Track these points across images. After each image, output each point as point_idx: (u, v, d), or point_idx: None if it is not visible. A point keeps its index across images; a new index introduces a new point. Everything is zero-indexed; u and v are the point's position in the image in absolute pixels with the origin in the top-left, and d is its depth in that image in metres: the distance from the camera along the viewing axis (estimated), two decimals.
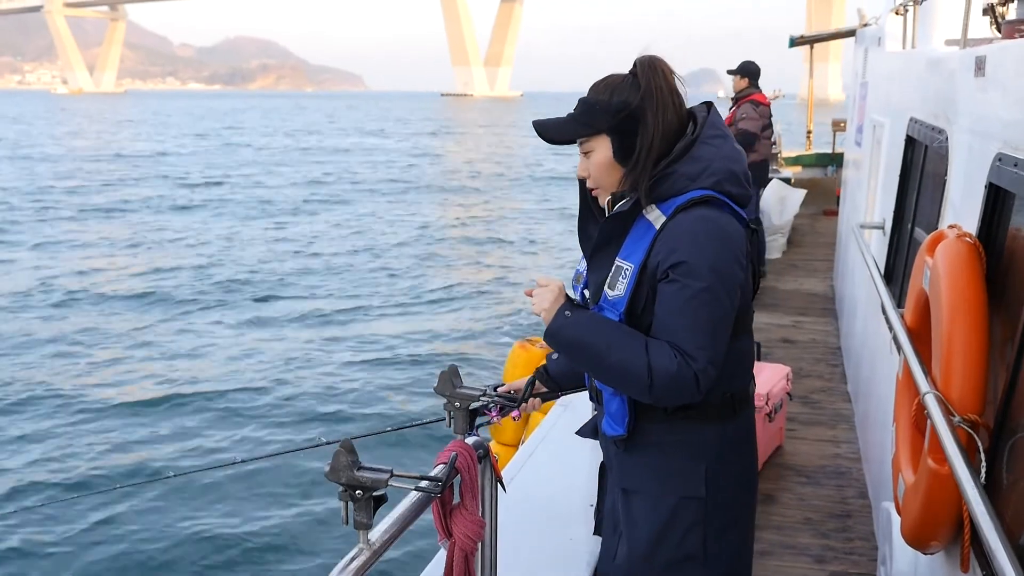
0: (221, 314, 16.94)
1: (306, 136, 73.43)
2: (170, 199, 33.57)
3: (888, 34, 6.66)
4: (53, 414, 11.48)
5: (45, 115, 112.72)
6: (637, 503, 2.35)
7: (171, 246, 24.22)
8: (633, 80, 2.24)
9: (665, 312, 2.15)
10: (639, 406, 2.28)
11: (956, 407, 2.00)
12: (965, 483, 1.73)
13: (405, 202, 33.82)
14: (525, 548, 3.41)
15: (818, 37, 16.33)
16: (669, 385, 2.10)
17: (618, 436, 2.33)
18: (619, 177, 2.27)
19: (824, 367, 7.18)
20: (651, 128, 2.21)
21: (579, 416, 2.65)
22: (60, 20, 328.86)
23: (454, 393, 2.36)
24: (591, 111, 2.26)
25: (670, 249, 2.14)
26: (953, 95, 3.19)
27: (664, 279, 2.16)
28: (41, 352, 14.13)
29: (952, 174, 3.09)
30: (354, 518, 1.78)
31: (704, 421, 2.28)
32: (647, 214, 2.22)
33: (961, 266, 2.17)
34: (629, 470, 2.36)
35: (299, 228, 27.55)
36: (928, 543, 2.26)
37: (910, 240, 4.13)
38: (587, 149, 2.29)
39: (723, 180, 2.22)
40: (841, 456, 5.47)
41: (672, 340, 2.12)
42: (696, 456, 2.28)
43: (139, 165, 46.26)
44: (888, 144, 5.41)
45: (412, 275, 20.81)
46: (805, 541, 4.47)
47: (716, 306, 2.14)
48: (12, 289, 18.49)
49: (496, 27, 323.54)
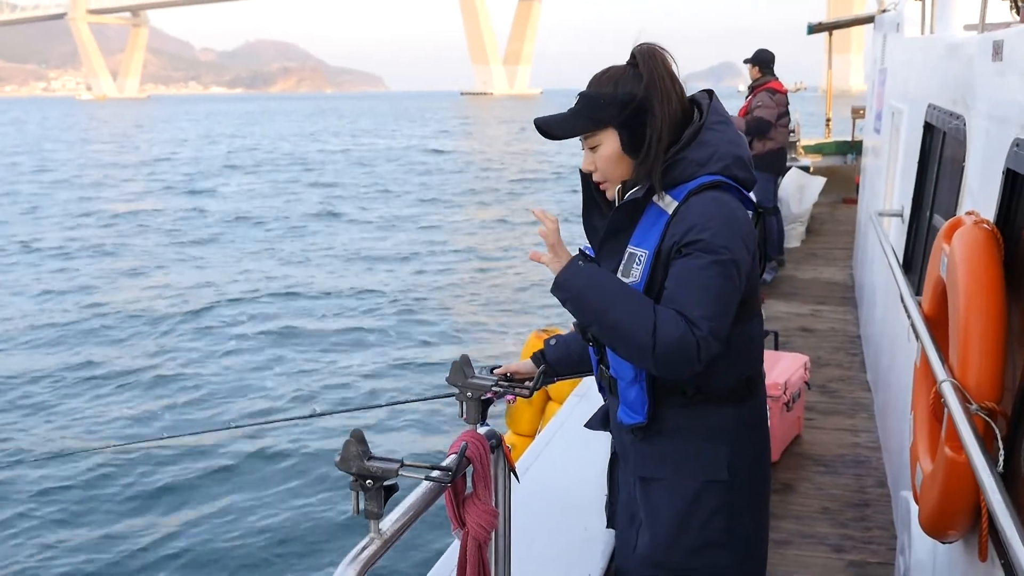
0: (242, 306, 17.09)
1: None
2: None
3: (907, 19, 6.59)
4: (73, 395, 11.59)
5: (85, 123, 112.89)
6: (658, 491, 2.34)
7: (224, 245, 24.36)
8: (635, 71, 2.25)
9: (674, 283, 2.17)
10: (658, 392, 2.27)
11: (973, 395, 1.98)
12: (982, 471, 1.71)
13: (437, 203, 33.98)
14: (540, 538, 3.40)
15: (836, 24, 16.19)
16: (671, 349, 2.09)
17: (637, 424, 2.31)
18: (628, 168, 2.28)
19: (843, 356, 7.14)
20: (659, 118, 2.22)
21: (595, 406, 2.65)
22: (83, 27, 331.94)
23: (466, 383, 2.36)
24: (595, 105, 2.25)
25: (685, 229, 2.16)
26: (971, 80, 3.16)
27: (677, 255, 2.17)
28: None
29: (970, 160, 3.05)
30: (365, 507, 1.78)
31: (722, 404, 2.30)
32: (658, 201, 2.24)
33: (978, 252, 2.14)
34: (648, 458, 2.35)
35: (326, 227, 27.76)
36: (946, 532, 2.24)
37: (929, 227, 4.09)
38: (593, 143, 2.29)
39: (731, 165, 2.25)
40: (860, 445, 5.44)
41: (678, 307, 2.13)
42: (716, 439, 2.29)
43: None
44: (906, 131, 5.36)
45: (432, 266, 20.87)
46: (824, 530, 4.45)
47: (725, 281, 2.15)
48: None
49: (515, 25, 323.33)
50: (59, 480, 9.19)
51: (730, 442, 2.30)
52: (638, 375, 2.27)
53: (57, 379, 12.59)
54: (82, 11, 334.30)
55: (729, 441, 2.30)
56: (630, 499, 2.46)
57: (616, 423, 2.43)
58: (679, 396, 2.27)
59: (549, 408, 6.07)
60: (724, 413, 2.30)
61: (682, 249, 2.16)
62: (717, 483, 2.29)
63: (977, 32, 3.39)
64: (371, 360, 13.54)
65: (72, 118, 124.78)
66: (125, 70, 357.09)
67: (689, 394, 2.27)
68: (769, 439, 2.45)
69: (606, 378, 2.43)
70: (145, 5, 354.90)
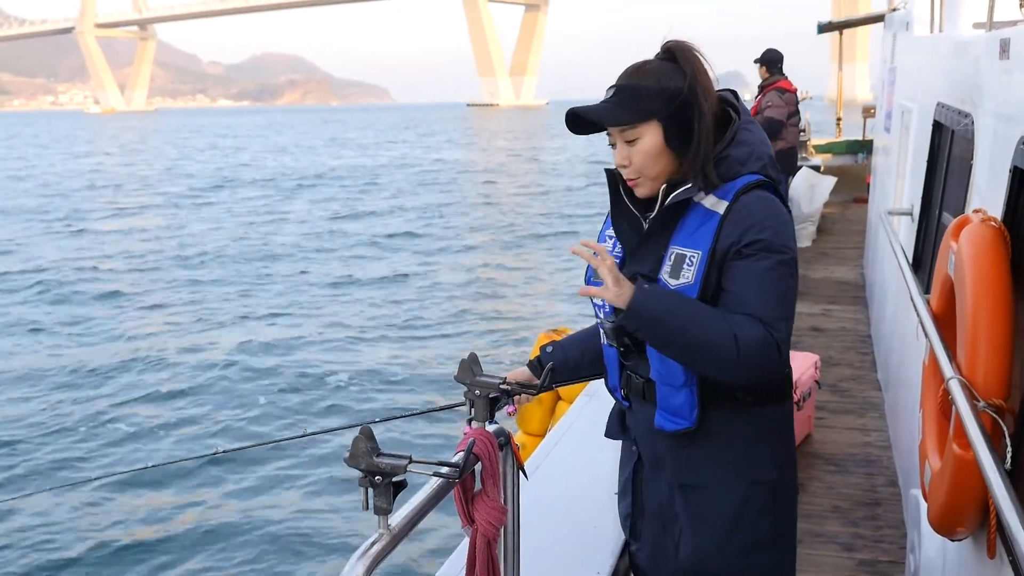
0: (254, 301, 17.16)
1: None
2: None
3: (916, 18, 6.59)
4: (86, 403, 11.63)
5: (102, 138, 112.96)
6: (704, 496, 2.30)
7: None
8: (675, 65, 2.21)
9: (741, 286, 2.12)
10: (705, 395, 2.23)
11: (981, 392, 1.98)
12: (989, 469, 1.71)
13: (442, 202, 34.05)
14: (549, 536, 3.41)
15: (847, 23, 16.16)
16: (756, 354, 2.06)
17: (682, 429, 2.25)
18: (667, 165, 2.23)
19: (854, 355, 7.13)
20: (707, 114, 2.19)
21: (605, 405, 2.64)
22: (91, 41, 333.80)
23: (474, 381, 2.36)
24: (640, 96, 2.18)
25: (744, 229, 2.13)
26: (978, 79, 3.16)
27: (736, 257, 2.14)
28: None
29: (978, 158, 3.05)
30: (374, 503, 1.79)
31: (767, 404, 2.29)
32: (701, 201, 2.19)
33: (985, 250, 2.14)
34: (691, 463, 2.30)
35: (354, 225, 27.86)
36: (955, 529, 2.24)
37: (938, 226, 4.09)
38: (632, 136, 2.21)
39: (767, 164, 2.25)
40: (871, 444, 5.43)
41: (750, 312, 2.09)
42: (762, 439, 2.28)
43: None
44: (916, 129, 5.35)
45: (441, 269, 20.90)
46: (834, 529, 4.45)
47: (790, 281, 2.16)
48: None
49: (520, 37, 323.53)
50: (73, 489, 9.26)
51: (774, 441, 2.30)
52: (688, 379, 2.21)
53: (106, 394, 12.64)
54: (90, 25, 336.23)
55: (773, 440, 2.30)
56: (662, 509, 2.40)
57: (648, 430, 2.35)
58: (728, 399, 2.24)
59: (559, 408, 6.08)
60: (769, 412, 2.29)
61: (742, 250, 2.13)
62: (765, 483, 2.28)
63: (985, 30, 3.38)
64: (380, 365, 13.58)
65: (83, 131, 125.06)
66: (133, 83, 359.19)
67: (740, 397, 2.24)
68: (795, 433, 2.47)
69: (635, 384, 2.36)
70: (153, 19, 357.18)
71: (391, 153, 65.93)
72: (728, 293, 2.14)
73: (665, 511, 2.38)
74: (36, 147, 77.52)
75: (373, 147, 72.13)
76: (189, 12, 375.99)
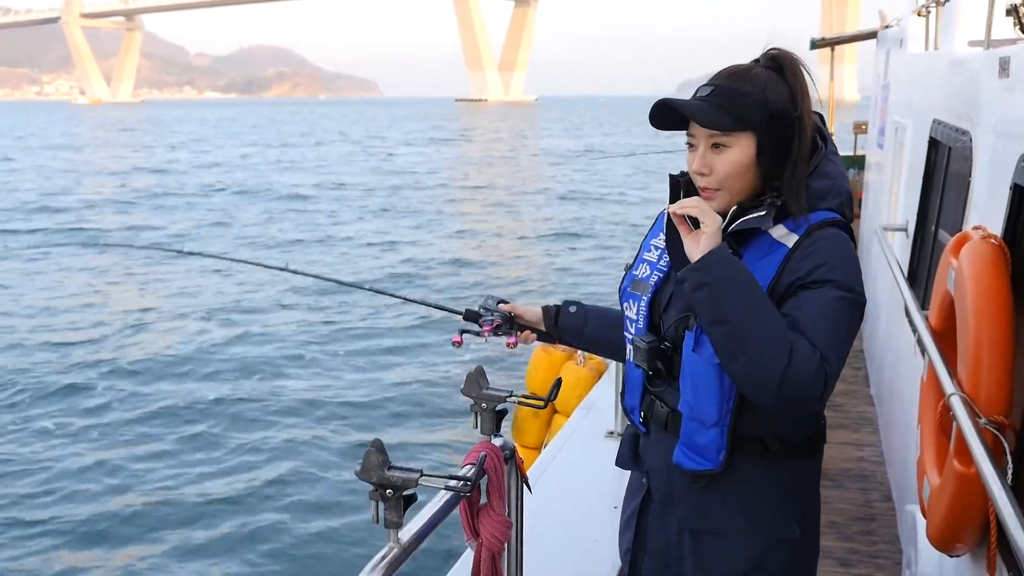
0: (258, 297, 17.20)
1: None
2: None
3: (910, 35, 6.63)
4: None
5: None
6: (716, 546, 2.13)
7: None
8: (780, 77, 2.05)
9: (804, 313, 1.93)
10: (734, 438, 2.05)
11: (982, 408, 1.99)
12: (992, 484, 1.72)
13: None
14: (551, 549, 3.42)
15: (839, 39, 16.21)
16: (802, 377, 1.86)
17: (704, 471, 2.08)
18: (750, 182, 2.05)
19: (847, 370, 7.13)
20: (807, 134, 2.04)
21: (602, 419, 2.65)
22: (77, 31, 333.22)
23: (481, 394, 2.36)
24: (741, 102, 2.00)
25: (812, 266, 1.96)
26: (976, 96, 3.18)
27: (802, 288, 1.96)
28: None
29: (976, 175, 3.08)
30: (384, 517, 1.79)
31: (800, 457, 2.12)
32: (770, 230, 2.03)
33: (986, 267, 2.16)
34: (707, 509, 2.12)
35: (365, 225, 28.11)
36: (954, 545, 2.25)
37: (934, 242, 4.11)
38: (722, 142, 2.02)
39: (844, 202, 2.09)
40: (865, 459, 5.45)
41: (808, 338, 1.90)
42: (789, 495, 2.11)
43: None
44: (911, 146, 5.39)
45: (441, 277, 20.95)
46: (829, 544, 4.45)
47: (853, 321, 1.97)
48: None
49: (510, 32, 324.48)
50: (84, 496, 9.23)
51: (800, 498, 2.13)
52: (722, 419, 2.03)
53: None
54: (75, 15, 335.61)
55: (800, 497, 2.13)
56: (668, 548, 2.22)
57: (664, 464, 2.18)
58: (758, 446, 2.07)
59: (556, 420, 6.08)
60: (800, 466, 2.12)
61: (811, 284, 1.95)
62: (785, 542, 2.11)
63: (982, 48, 3.42)
64: (384, 362, 13.65)
65: (78, 123, 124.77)
66: (119, 74, 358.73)
67: (772, 447, 2.07)
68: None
69: (659, 413, 2.18)
70: (139, 10, 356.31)
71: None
72: (788, 318, 1.94)
73: (671, 552, 2.22)
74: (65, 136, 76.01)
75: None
76: (176, 3, 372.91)
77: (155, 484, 9.43)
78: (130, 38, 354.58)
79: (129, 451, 10.42)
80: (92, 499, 9.10)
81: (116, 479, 9.57)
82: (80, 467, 9.86)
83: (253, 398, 12.32)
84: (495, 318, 2.48)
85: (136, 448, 10.53)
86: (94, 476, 9.66)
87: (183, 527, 8.47)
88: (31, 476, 9.64)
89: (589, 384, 5.83)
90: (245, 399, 12.29)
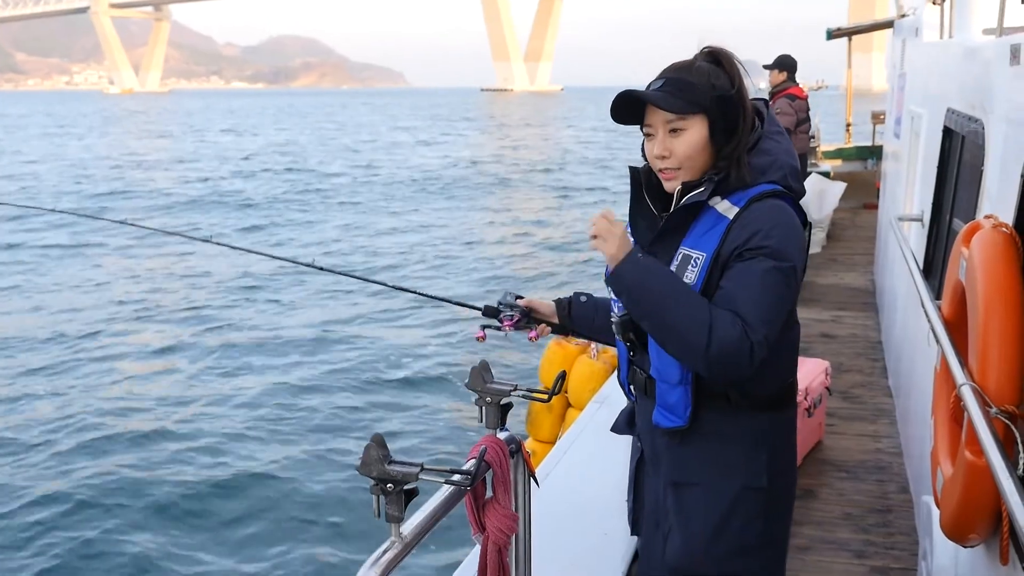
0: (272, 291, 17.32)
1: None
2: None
3: (925, 24, 6.58)
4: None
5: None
6: (692, 496, 2.33)
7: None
8: (719, 67, 2.28)
9: (733, 284, 2.15)
10: (700, 396, 2.26)
11: (993, 398, 1.97)
12: (1001, 475, 1.71)
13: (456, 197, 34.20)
14: (560, 543, 3.41)
15: (856, 29, 16.12)
16: (726, 350, 2.08)
17: (675, 427, 2.30)
18: (707, 161, 2.27)
19: (864, 362, 7.11)
20: (749, 114, 2.28)
21: (615, 412, 2.64)
22: (106, 21, 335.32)
23: (485, 388, 2.36)
24: (693, 90, 2.23)
25: (748, 235, 2.17)
26: (989, 84, 3.15)
27: (737, 259, 2.17)
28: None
29: (989, 164, 3.05)
30: (385, 511, 1.80)
31: (764, 410, 2.30)
32: (715, 205, 2.24)
33: (997, 256, 2.14)
34: (683, 462, 2.33)
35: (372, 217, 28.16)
36: (967, 536, 2.24)
37: (949, 232, 4.08)
38: (678, 126, 2.24)
39: (788, 175, 2.28)
40: (882, 451, 5.41)
41: (735, 309, 2.12)
42: (757, 445, 2.29)
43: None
44: (926, 135, 5.35)
45: (450, 270, 20.95)
46: (845, 536, 4.43)
47: (783, 289, 2.17)
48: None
49: (536, 22, 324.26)
50: (86, 494, 9.27)
51: (769, 448, 2.31)
52: (684, 377, 2.25)
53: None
54: (105, 5, 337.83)
55: (768, 447, 2.31)
56: (657, 505, 2.43)
57: (648, 426, 2.40)
58: (722, 401, 2.27)
59: (569, 414, 6.08)
60: (765, 419, 2.31)
61: (744, 254, 2.16)
62: (756, 489, 2.29)
63: (995, 36, 3.38)
64: (391, 359, 13.69)
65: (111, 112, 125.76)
66: (147, 64, 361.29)
67: (733, 400, 2.27)
68: (796, 444, 2.47)
69: (639, 379, 2.42)
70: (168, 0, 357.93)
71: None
72: (720, 289, 2.17)
73: (659, 508, 2.42)
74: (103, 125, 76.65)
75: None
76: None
77: (155, 477, 9.43)
78: (158, 28, 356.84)
79: (125, 445, 10.41)
80: (90, 498, 9.09)
81: (114, 477, 9.55)
82: (75, 466, 9.84)
83: (254, 390, 12.36)
84: (515, 313, 2.62)
85: (135, 441, 10.52)
86: (89, 474, 9.65)
87: (183, 521, 8.48)
88: (30, 475, 9.68)
89: (603, 378, 5.81)
90: (247, 389, 12.34)
